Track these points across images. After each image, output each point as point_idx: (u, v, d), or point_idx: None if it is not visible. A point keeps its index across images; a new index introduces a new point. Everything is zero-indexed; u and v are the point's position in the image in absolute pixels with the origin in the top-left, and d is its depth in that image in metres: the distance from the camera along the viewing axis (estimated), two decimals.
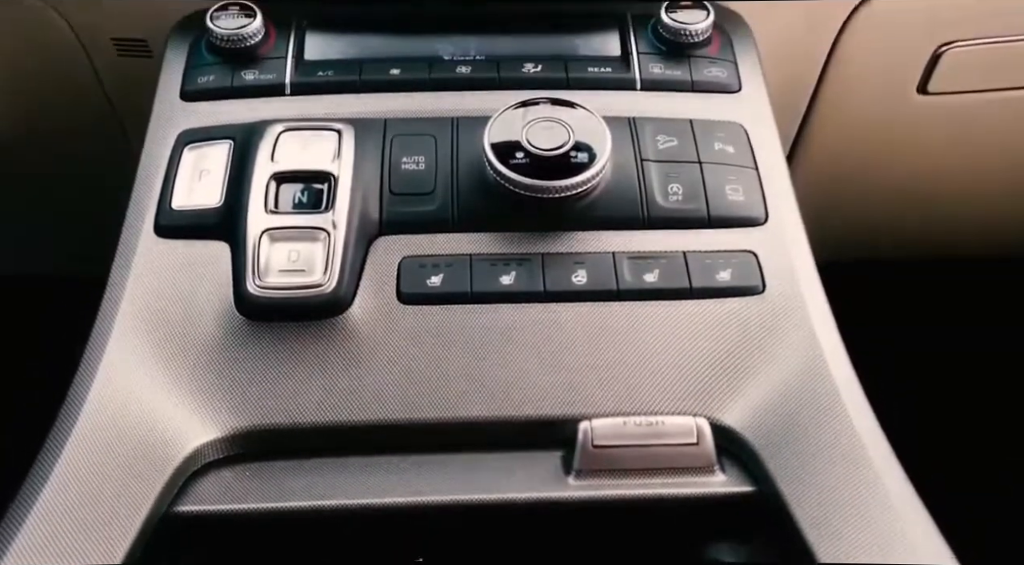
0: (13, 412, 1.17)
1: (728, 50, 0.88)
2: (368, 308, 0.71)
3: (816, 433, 0.64)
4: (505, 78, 0.84)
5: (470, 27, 0.89)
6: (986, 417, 1.52)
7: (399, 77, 0.84)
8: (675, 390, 0.67)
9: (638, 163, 0.78)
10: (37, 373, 1.10)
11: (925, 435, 1.30)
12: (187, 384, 0.67)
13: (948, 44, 1.00)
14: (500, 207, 0.74)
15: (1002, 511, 1.38)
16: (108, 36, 0.96)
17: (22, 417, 0.93)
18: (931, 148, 1.16)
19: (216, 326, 0.70)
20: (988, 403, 1.54)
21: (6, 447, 0.86)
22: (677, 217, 0.75)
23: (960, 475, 1.38)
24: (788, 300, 0.72)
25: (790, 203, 0.78)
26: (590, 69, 0.85)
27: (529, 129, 0.74)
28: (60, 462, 0.62)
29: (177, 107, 0.83)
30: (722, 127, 0.81)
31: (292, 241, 0.71)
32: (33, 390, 0.97)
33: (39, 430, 0.65)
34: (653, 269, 0.72)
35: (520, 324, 0.70)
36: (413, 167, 0.77)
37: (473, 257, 0.73)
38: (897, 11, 0.97)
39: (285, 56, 0.85)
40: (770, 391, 0.67)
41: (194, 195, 0.76)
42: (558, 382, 0.67)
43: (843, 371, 0.68)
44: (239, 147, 0.78)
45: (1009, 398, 1.52)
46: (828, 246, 0.79)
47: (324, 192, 0.73)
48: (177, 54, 0.87)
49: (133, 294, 0.71)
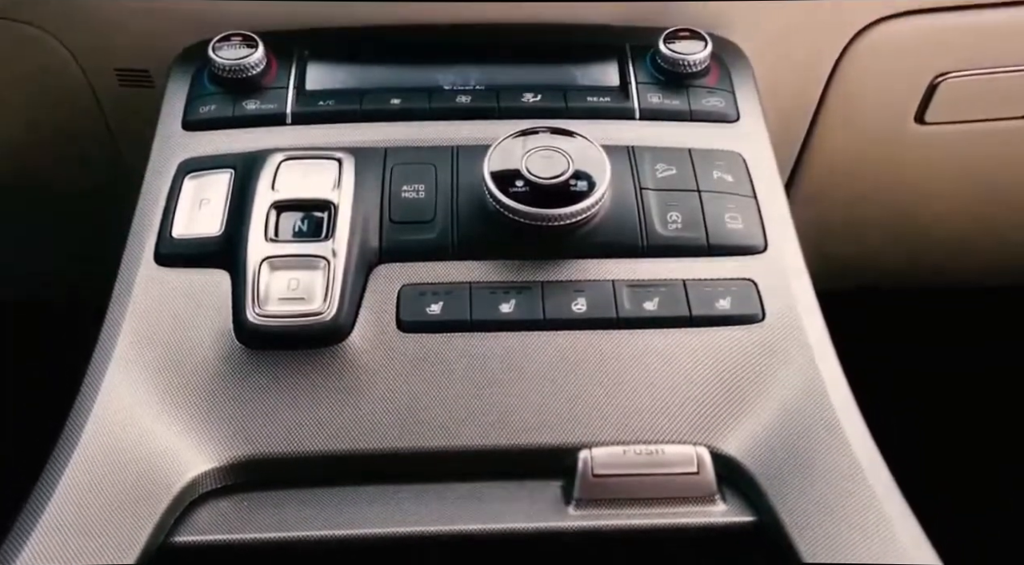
0: (11, 440, 1.16)
1: (726, 80, 0.88)
2: (368, 336, 0.71)
3: (817, 462, 0.64)
4: (505, 107, 0.85)
5: (470, 57, 0.89)
6: (985, 433, 1.52)
7: (399, 106, 0.84)
8: (675, 418, 0.67)
9: (637, 192, 0.78)
10: (36, 401, 1.09)
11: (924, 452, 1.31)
12: (185, 413, 0.67)
13: (944, 74, 1.01)
14: (500, 235, 0.75)
15: (1002, 527, 1.38)
16: (111, 66, 0.97)
17: (20, 445, 0.92)
18: (929, 177, 1.16)
19: (215, 354, 0.70)
20: (986, 419, 1.54)
21: (4, 474, 0.86)
22: (676, 245, 0.76)
23: (960, 491, 1.38)
24: (788, 328, 0.72)
25: (789, 231, 0.78)
26: (589, 98, 0.85)
27: (529, 158, 0.74)
28: (57, 491, 0.62)
29: (178, 136, 0.83)
30: (721, 156, 0.82)
31: (292, 269, 0.71)
32: (31, 418, 0.97)
33: (37, 458, 0.65)
34: (653, 297, 0.72)
35: (520, 352, 0.70)
36: (413, 195, 0.77)
37: (473, 285, 0.73)
38: (894, 42, 0.98)
39: (286, 86, 0.86)
40: (770, 420, 0.67)
41: (194, 224, 0.76)
42: (558, 410, 0.67)
43: (843, 399, 0.68)
44: (240, 176, 0.78)
45: (1007, 414, 1.52)
46: (827, 274, 0.80)
47: (324, 220, 0.73)
48: (179, 84, 0.88)
49: (132, 322, 0.71)
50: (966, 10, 0.96)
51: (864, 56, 0.99)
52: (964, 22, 0.97)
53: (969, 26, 0.98)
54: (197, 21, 0.90)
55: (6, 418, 1.43)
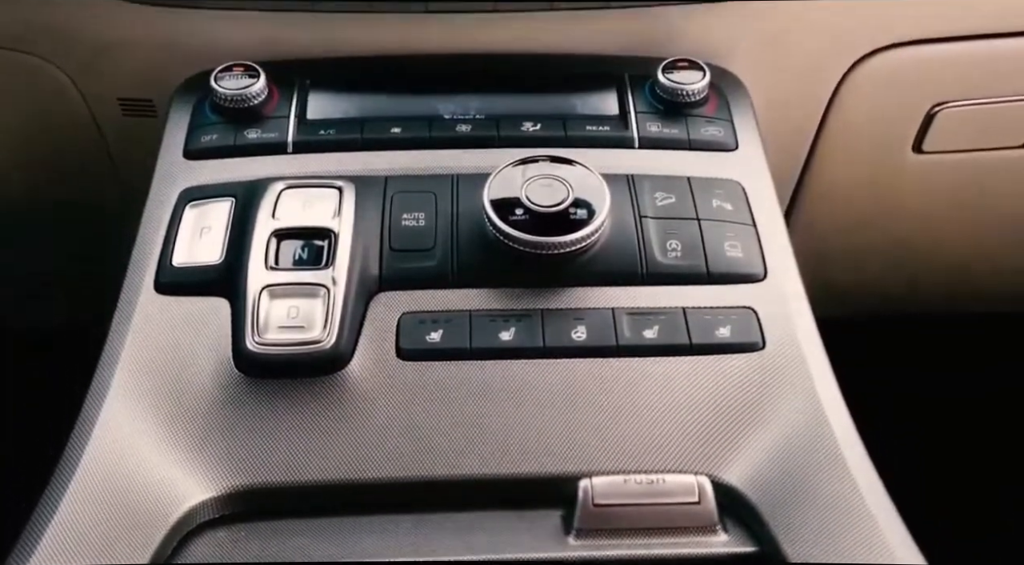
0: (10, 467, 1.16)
1: (725, 109, 0.89)
2: (367, 364, 0.70)
3: (819, 492, 0.64)
4: (504, 136, 0.85)
5: (470, 87, 0.90)
6: (985, 456, 1.52)
7: (400, 135, 0.85)
8: (676, 447, 0.67)
9: (637, 220, 0.78)
10: (34, 428, 1.09)
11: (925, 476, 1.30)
12: (183, 442, 0.67)
13: (942, 104, 1.02)
14: (499, 263, 0.75)
15: (1003, 551, 1.37)
16: (114, 96, 0.98)
17: (18, 472, 0.92)
18: (927, 206, 1.16)
19: (214, 383, 0.69)
20: (986, 443, 1.54)
21: (3, 501, 0.85)
22: (676, 273, 0.76)
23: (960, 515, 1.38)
24: (788, 356, 0.71)
25: (788, 259, 0.78)
26: (588, 127, 0.86)
27: (528, 186, 0.74)
28: (54, 520, 0.61)
29: (180, 165, 0.84)
30: (720, 184, 0.82)
31: (292, 297, 0.71)
32: (30, 445, 0.96)
33: (35, 486, 0.64)
34: (652, 325, 0.72)
35: (520, 380, 0.70)
36: (413, 223, 0.77)
37: (473, 313, 0.73)
38: (891, 72, 0.99)
39: (288, 115, 0.86)
40: (771, 448, 0.66)
41: (195, 252, 0.76)
42: (558, 439, 0.67)
43: (844, 428, 0.68)
44: (241, 205, 0.78)
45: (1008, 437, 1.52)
46: (826, 302, 0.80)
47: (324, 248, 0.74)
48: (181, 114, 0.88)
49: (132, 350, 0.71)
50: (962, 41, 0.97)
51: (862, 85, 0.99)
52: (961, 52, 0.98)
53: (966, 56, 0.98)
54: (199, 52, 0.91)
55: (5, 444, 1.42)
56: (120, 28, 0.91)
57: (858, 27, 0.95)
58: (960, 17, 0.96)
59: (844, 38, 0.96)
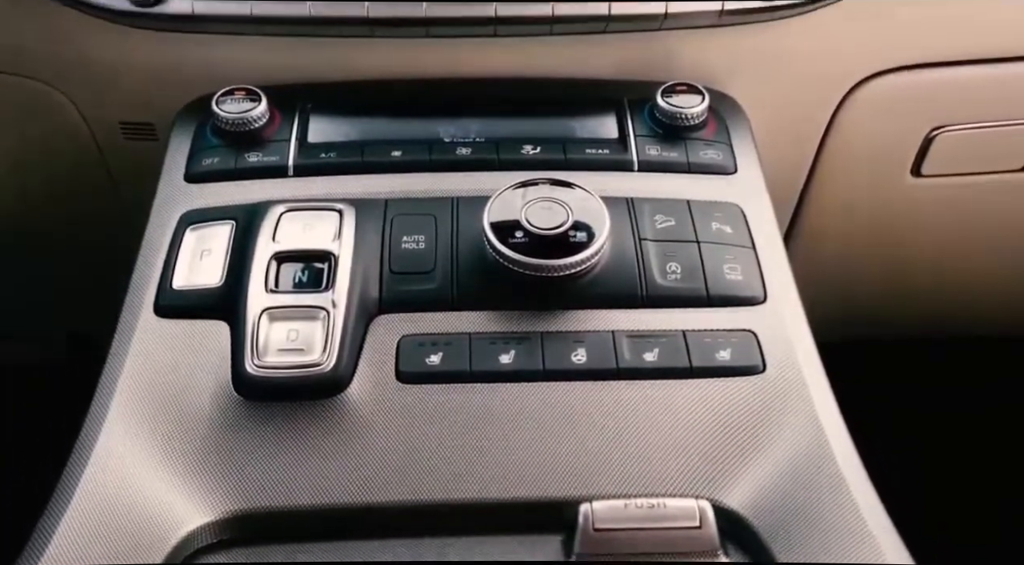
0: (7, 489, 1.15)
1: (723, 133, 0.89)
2: (367, 387, 0.70)
3: (820, 515, 0.63)
4: (504, 159, 0.85)
5: (470, 110, 0.90)
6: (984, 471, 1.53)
7: (400, 158, 0.85)
8: (676, 471, 0.66)
9: (636, 242, 0.78)
10: (33, 450, 1.08)
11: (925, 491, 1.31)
12: (182, 466, 0.66)
13: (940, 128, 1.02)
14: (499, 286, 0.75)
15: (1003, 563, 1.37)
16: (116, 120, 0.99)
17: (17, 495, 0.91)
18: (926, 229, 1.17)
19: (213, 406, 0.69)
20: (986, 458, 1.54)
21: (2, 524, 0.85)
22: (676, 296, 0.76)
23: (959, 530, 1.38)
24: (788, 379, 0.71)
25: (788, 282, 0.78)
26: (588, 150, 0.86)
27: (528, 209, 0.75)
28: (52, 543, 0.61)
29: (181, 189, 0.84)
30: (719, 207, 0.82)
31: (291, 320, 0.71)
32: (28, 469, 0.96)
33: (34, 508, 0.64)
34: (653, 348, 0.72)
35: (519, 403, 0.70)
36: (413, 246, 0.77)
37: (472, 336, 0.73)
38: (889, 96, 0.99)
39: (289, 138, 0.87)
40: (772, 472, 0.66)
41: (195, 275, 0.76)
42: (558, 463, 0.67)
43: (845, 450, 0.67)
44: (241, 228, 0.78)
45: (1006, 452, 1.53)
46: (826, 325, 0.79)
47: (324, 271, 0.74)
48: (182, 137, 0.89)
49: (131, 374, 0.71)
50: (960, 65, 0.98)
51: (860, 109, 1.00)
52: (959, 77, 0.99)
53: (964, 81, 0.99)
54: (201, 76, 0.91)
55: (4, 467, 1.42)
56: (122, 53, 0.92)
57: (856, 51, 0.96)
58: (958, 42, 0.96)
59: (842, 62, 0.97)
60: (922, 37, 0.96)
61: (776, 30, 0.91)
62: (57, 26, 0.90)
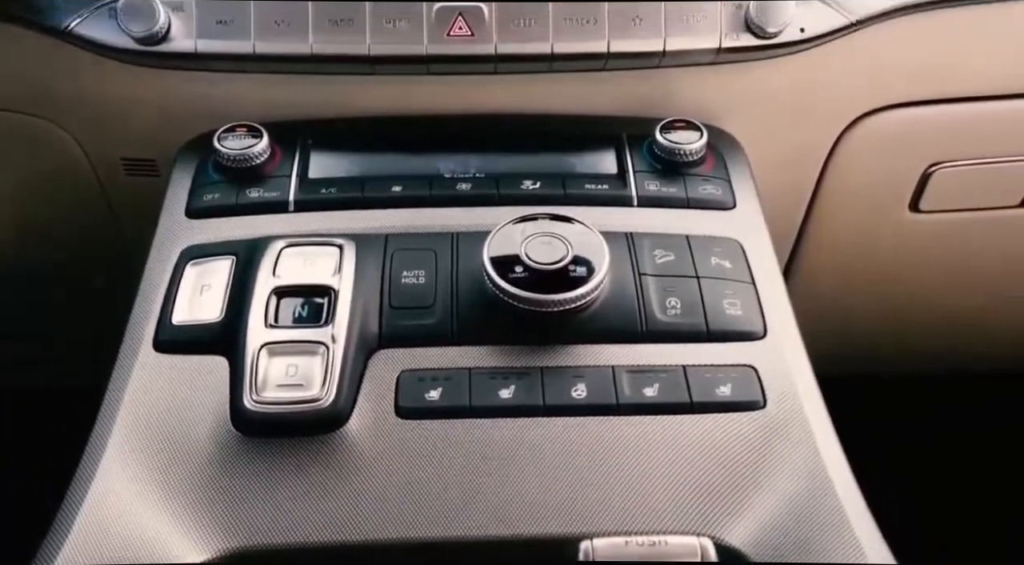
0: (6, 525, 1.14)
1: (722, 168, 0.90)
2: (366, 423, 0.70)
3: (822, 550, 0.63)
4: (504, 194, 0.86)
5: (470, 146, 0.91)
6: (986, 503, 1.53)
7: (400, 194, 0.86)
8: (677, 508, 0.66)
9: (636, 277, 0.78)
10: (30, 486, 1.08)
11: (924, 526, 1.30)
12: (179, 502, 0.66)
13: (938, 164, 1.03)
14: (499, 321, 0.75)
15: None
16: (118, 156, 0.99)
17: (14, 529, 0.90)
18: (924, 264, 1.17)
19: (211, 442, 0.69)
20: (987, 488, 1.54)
21: None
22: (676, 331, 0.75)
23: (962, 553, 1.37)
24: (789, 415, 0.71)
25: (788, 317, 0.78)
26: (588, 186, 0.87)
27: (528, 244, 0.75)
28: None
29: (182, 224, 0.84)
30: (718, 243, 0.82)
31: (291, 355, 0.71)
32: (27, 502, 0.95)
33: (31, 543, 0.63)
34: (653, 383, 0.72)
35: (519, 439, 0.69)
36: (413, 281, 0.77)
37: (472, 371, 0.73)
38: (887, 132, 1.00)
39: (289, 174, 0.87)
40: (773, 508, 0.66)
41: (195, 310, 0.76)
42: (558, 499, 0.66)
43: (846, 486, 0.67)
44: (241, 263, 0.78)
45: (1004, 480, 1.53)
46: (825, 360, 0.79)
47: (324, 306, 0.74)
48: (184, 173, 0.89)
49: (129, 409, 0.71)
50: (957, 102, 0.99)
51: (858, 145, 1.00)
52: (955, 113, 0.99)
53: (961, 117, 1.00)
54: (202, 113, 0.92)
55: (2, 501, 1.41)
56: (125, 90, 0.93)
57: (854, 88, 0.97)
58: (954, 79, 0.97)
59: (840, 99, 0.98)
60: (918, 74, 0.96)
61: (773, 68, 0.92)
62: (60, 64, 0.91)
